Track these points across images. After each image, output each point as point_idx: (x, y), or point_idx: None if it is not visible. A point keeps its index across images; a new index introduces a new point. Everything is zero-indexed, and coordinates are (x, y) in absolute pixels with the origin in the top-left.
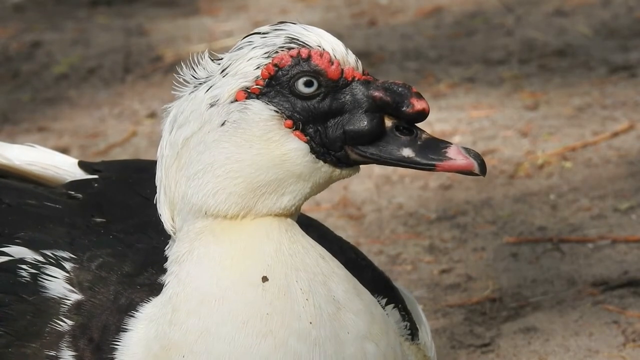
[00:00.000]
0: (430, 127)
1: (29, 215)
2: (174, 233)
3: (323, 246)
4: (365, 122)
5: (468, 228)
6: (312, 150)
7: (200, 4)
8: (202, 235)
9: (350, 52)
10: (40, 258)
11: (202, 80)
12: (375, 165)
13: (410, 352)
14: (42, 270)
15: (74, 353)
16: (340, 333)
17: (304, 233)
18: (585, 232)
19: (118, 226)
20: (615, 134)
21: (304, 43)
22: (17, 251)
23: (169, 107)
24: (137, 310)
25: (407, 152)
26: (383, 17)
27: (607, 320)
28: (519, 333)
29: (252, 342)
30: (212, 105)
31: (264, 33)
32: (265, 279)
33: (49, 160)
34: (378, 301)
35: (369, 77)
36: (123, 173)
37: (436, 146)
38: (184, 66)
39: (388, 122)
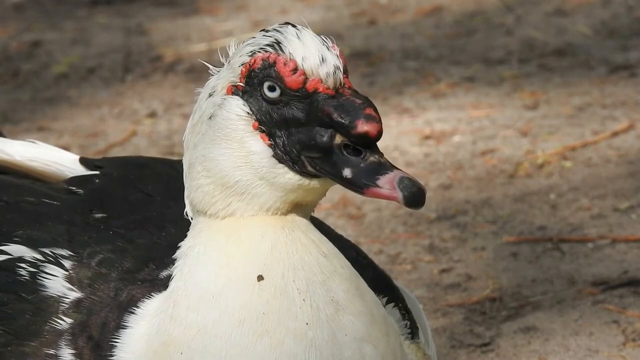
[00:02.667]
0: (430, 126)
1: (27, 213)
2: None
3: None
4: (314, 136)
5: (468, 227)
6: (275, 155)
7: (200, 4)
8: (202, 232)
9: (327, 64)
10: (39, 256)
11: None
12: None
13: (410, 350)
14: (41, 268)
15: (73, 351)
16: (337, 335)
17: (309, 229)
18: (585, 231)
19: (119, 222)
20: (615, 134)
21: (280, 48)
22: (16, 250)
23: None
24: (137, 307)
25: (347, 172)
26: (383, 16)
27: (607, 320)
28: (519, 332)
29: (248, 341)
30: (210, 95)
31: (266, 31)
32: (260, 277)
33: (50, 157)
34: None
35: (343, 90)
36: (124, 169)
37: (375, 171)
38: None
39: (339, 139)
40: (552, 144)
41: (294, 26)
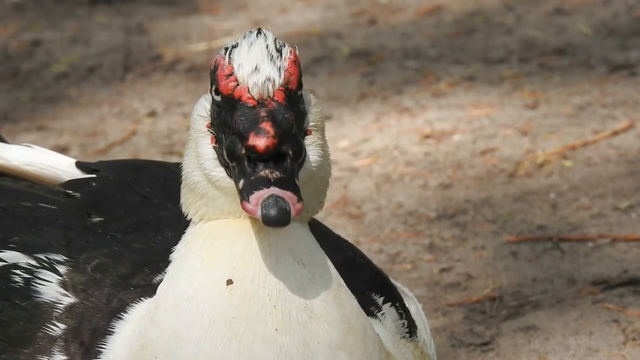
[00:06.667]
0: (430, 125)
1: (24, 219)
2: None
3: (320, 245)
4: (229, 144)
5: (468, 227)
6: (217, 158)
7: (200, 3)
8: (189, 236)
9: (259, 74)
10: (34, 262)
11: None
12: (374, 163)
13: (407, 349)
14: (35, 274)
15: (65, 357)
16: (310, 342)
17: (291, 235)
18: (585, 230)
19: (116, 225)
20: (615, 133)
21: (229, 52)
22: (10, 256)
23: None
24: (125, 312)
25: (241, 184)
26: (383, 15)
27: (607, 319)
28: (519, 332)
29: (217, 344)
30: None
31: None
32: (230, 281)
33: (46, 160)
34: (375, 300)
35: (267, 101)
36: (120, 172)
37: (255, 186)
38: None
39: (243, 150)
40: (552, 143)
41: (260, 33)
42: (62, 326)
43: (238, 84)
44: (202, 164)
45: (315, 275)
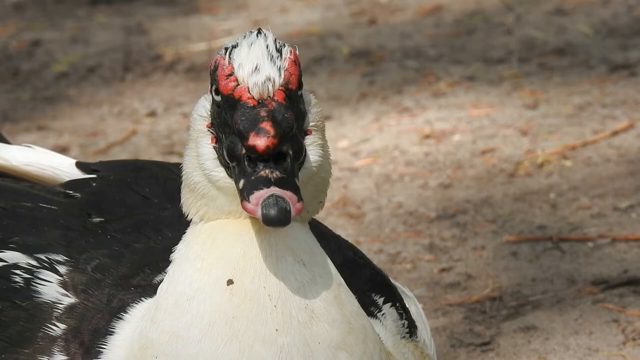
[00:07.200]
0: (430, 125)
1: (24, 219)
2: None
3: (321, 245)
4: (230, 144)
5: (468, 227)
6: (217, 158)
7: (199, 3)
8: (189, 236)
9: (259, 74)
10: (34, 262)
11: None
12: (374, 163)
13: (407, 349)
14: (35, 274)
15: (65, 357)
16: (310, 342)
17: (291, 235)
18: (585, 230)
19: (116, 225)
20: (615, 133)
21: (230, 52)
22: (11, 256)
23: None
24: (126, 312)
25: (241, 183)
26: (383, 15)
27: (607, 319)
28: (519, 332)
29: (217, 345)
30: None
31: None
32: (230, 282)
33: (46, 161)
34: (375, 300)
35: (268, 102)
36: (120, 172)
37: (255, 186)
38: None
39: (243, 150)
40: (552, 143)
41: (260, 33)
42: (63, 326)
43: (238, 84)
44: (202, 164)
45: (315, 275)
